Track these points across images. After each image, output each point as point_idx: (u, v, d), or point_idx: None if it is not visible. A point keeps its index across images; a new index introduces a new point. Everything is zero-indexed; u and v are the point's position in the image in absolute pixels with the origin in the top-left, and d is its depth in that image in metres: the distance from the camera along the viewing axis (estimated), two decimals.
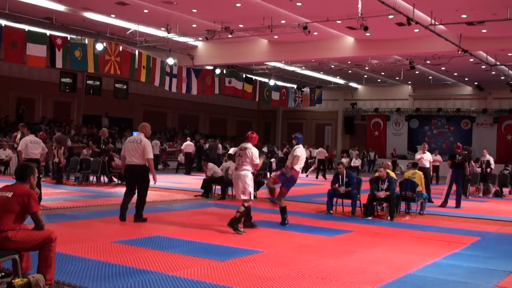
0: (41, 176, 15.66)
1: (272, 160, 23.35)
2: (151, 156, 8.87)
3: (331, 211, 10.79)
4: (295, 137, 9.32)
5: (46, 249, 4.68)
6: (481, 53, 20.24)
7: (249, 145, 8.59)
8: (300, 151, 9.04)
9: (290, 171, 8.94)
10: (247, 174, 8.43)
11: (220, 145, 24.99)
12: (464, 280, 5.71)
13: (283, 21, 16.90)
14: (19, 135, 14.93)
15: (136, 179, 8.94)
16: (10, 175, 16.14)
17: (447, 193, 13.32)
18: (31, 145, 10.33)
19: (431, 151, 16.20)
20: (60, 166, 15.59)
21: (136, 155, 8.79)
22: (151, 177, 8.98)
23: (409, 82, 32.17)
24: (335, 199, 10.96)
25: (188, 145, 22.56)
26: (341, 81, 32.16)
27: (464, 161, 13.52)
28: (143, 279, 5.24)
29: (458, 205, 13.02)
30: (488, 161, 17.27)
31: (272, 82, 27.19)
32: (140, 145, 8.77)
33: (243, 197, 8.33)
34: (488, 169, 17.11)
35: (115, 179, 16.19)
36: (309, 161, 25.30)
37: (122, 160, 9.16)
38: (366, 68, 25.43)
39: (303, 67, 26.19)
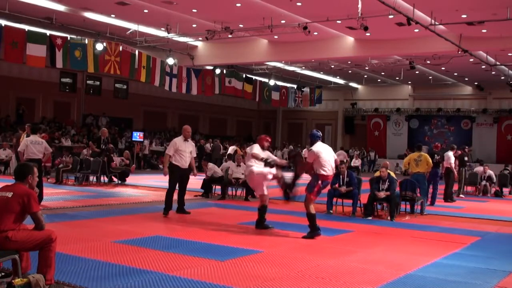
0: (48, 177, 15.86)
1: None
2: (166, 151, 10.01)
3: (331, 211, 10.79)
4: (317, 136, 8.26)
5: (46, 249, 4.68)
6: (481, 53, 20.24)
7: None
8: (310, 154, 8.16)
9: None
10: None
11: (220, 145, 24.98)
12: (464, 280, 5.71)
13: (283, 21, 16.90)
14: (24, 135, 14.89)
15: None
16: (10, 175, 16.14)
17: (432, 193, 13.42)
18: (32, 145, 10.31)
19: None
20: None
21: None
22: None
23: (409, 82, 32.16)
24: (335, 199, 10.98)
25: None
26: (341, 81, 32.15)
27: (441, 161, 13.78)
28: (143, 279, 5.23)
29: (432, 202, 13.17)
30: (489, 176, 17.33)
31: (272, 82, 27.18)
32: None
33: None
34: (490, 183, 17.28)
35: (115, 179, 16.20)
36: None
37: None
38: (366, 68, 25.43)
39: (303, 67, 26.18)
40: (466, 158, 15.90)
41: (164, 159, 10.00)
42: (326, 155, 7.98)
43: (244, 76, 25.39)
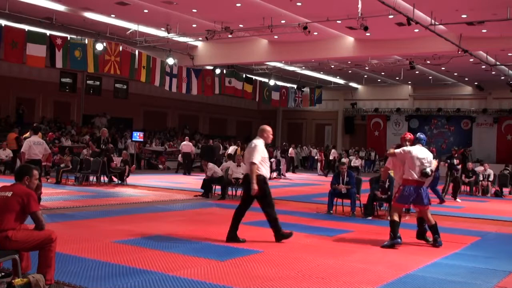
0: (48, 177, 15.85)
1: (272, 160, 23.33)
2: (253, 159, 7.31)
3: (331, 211, 10.79)
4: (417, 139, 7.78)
5: (46, 249, 4.68)
6: (481, 53, 20.24)
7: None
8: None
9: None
10: None
11: (220, 145, 25.00)
12: (464, 280, 5.70)
13: (283, 21, 16.90)
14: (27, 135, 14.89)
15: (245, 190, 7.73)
16: (11, 175, 16.13)
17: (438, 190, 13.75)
18: (34, 146, 10.34)
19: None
20: None
21: (247, 162, 7.58)
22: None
23: (409, 82, 32.17)
24: (335, 199, 10.98)
25: (186, 145, 22.52)
26: (341, 81, 32.16)
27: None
28: (143, 279, 5.23)
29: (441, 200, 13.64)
30: (489, 175, 17.31)
31: (272, 82, 27.19)
32: (249, 149, 7.53)
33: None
34: (486, 182, 17.25)
35: (115, 179, 16.20)
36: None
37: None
38: (366, 68, 25.43)
39: (303, 67, 26.19)
40: (454, 161, 15.22)
41: (252, 170, 7.28)
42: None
43: (244, 76, 25.40)
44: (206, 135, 31.33)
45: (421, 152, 7.61)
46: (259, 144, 7.44)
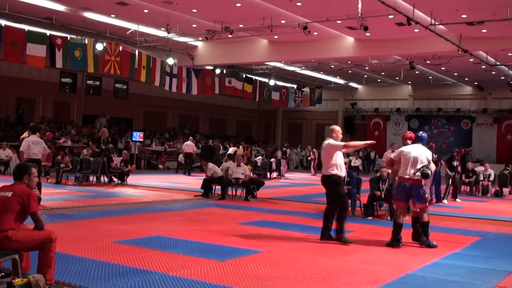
0: (48, 177, 15.85)
1: (272, 160, 23.34)
2: (341, 144, 7.65)
3: None
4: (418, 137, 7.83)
5: (46, 249, 4.67)
6: (481, 53, 20.24)
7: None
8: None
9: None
10: None
11: (220, 145, 24.99)
12: (464, 280, 5.70)
13: (283, 21, 16.90)
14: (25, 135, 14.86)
15: (327, 191, 7.84)
16: (10, 175, 16.11)
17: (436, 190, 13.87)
18: (33, 145, 10.34)
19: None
20: None
21: (323, 164, 7.83)
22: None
23: (409, 82, 32.17)
24: None
25: (188, 146, 22.51)
26: (341, 81, 32.16)
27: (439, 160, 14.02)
28: (143, 279, 5.23)
29: (438, 199, 13.83)
30: (489, 175, 17.32)
31: (272, 82, 27.19)
32: (326, 147, 7.74)
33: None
34: (486, 182, 17.25)
35: (115, 179, 16.19)
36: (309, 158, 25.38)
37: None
38: (366, 68, 25.42)
39: (303, 67, 26.18)
40: (454, 163, 15.12)
41: (349, 144, 8.00)
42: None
43: (244, 76, 25.40)
44: (206, 135, 31.31)
45: (416, 150, 7.58)
46: (332, 141, 7.71)
